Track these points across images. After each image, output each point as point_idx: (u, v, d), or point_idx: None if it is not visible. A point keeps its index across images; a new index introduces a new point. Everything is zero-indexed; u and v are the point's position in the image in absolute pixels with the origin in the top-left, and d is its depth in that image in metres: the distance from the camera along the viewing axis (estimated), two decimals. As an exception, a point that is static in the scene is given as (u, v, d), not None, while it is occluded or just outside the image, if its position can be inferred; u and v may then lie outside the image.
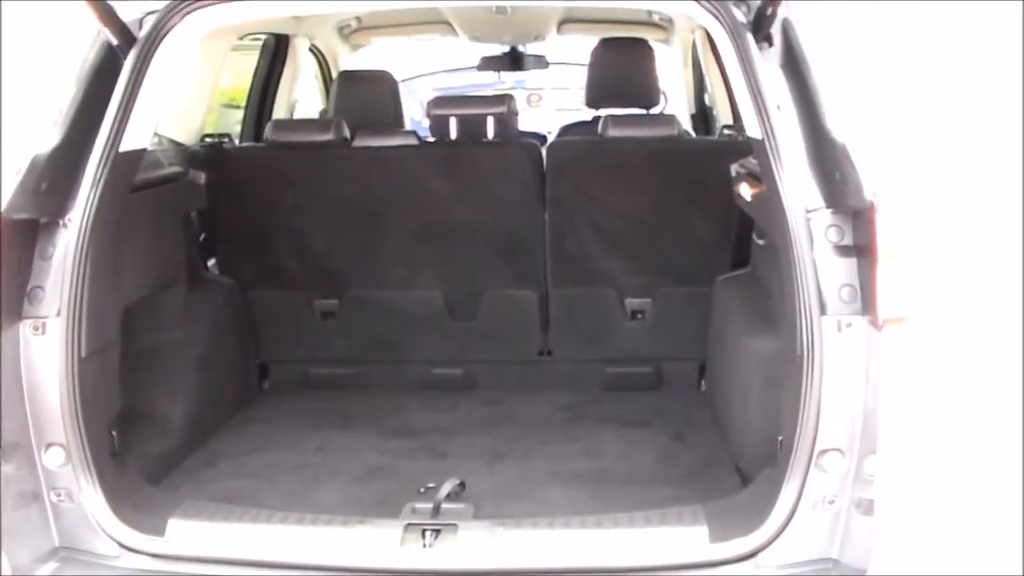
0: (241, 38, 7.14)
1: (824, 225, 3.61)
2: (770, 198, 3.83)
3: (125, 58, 4.10)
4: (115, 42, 4.09)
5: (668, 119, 6.08)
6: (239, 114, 7.93)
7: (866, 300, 3.51)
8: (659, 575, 3.73)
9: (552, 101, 12.13)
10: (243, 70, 8.02)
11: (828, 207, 3.62)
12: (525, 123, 7.62)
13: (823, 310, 3.55)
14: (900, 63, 3.45)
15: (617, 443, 5.22)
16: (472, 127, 5.89)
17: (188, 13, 4.16)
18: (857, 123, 3.45)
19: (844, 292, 3.56)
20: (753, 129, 3.87)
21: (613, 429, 5.44)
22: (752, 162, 4.60)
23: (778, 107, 3.71)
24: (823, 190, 3.63)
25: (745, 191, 4.68)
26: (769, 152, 3.72)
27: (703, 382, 6.05)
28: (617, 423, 5.53)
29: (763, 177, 4.00)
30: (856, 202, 3.42)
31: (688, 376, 6.13)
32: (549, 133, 7.68)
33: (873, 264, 3.35)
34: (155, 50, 4.13)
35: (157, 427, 4.93)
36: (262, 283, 6.15)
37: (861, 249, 3.52)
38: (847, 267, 3.58)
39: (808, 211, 3.62)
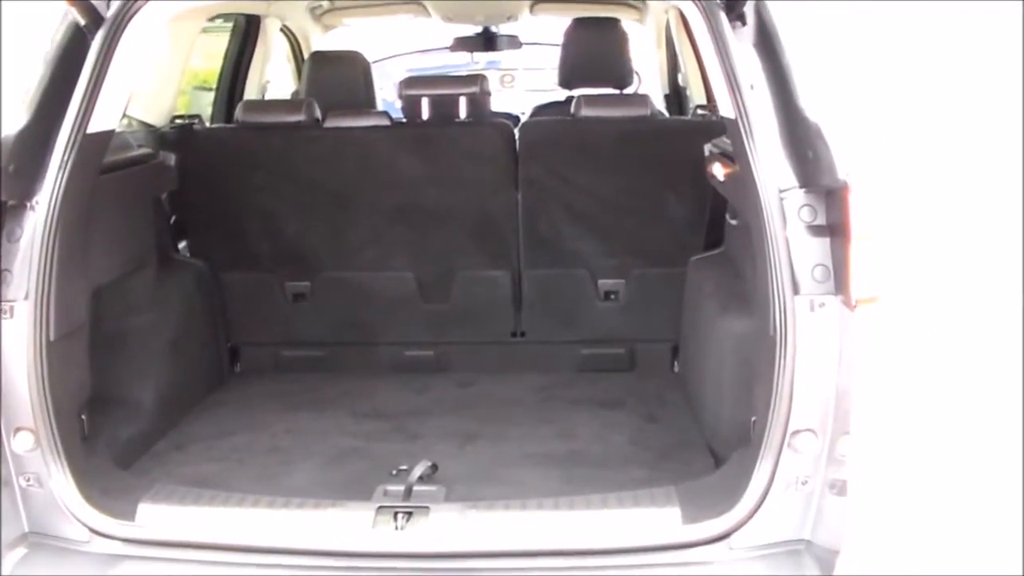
0: (212, 19, 7.10)
1: (797, 205, 3.59)
2: (743, 178, 3.82)
3: (92, 39, 4.05)
4: (82, 22, 4.03)
5: (641, 99, 6.06)
6: (211, 96, 7.88)
7: (839, 280, 3.50)
8: (632, 557, 3.72)
9: (525, 82, 12.10)
10: (215, 52, 7.97)
11: (801, 187, 3.60)
12: (498, 104, 7.61)
13: (796, 290, 3.54)
14: (872, 41, 3.44)
15: (590, 425, 5.21)
16: (444, 107, 5.86)
17: (156, -6, 4.12)
18: (830, 102, 3.43)
19: (817, 272, 3.55)
20: (726, 109, 3.86)
21: (586, 410, 5.43)
22: (725, 142, 4.59)
23: (751, 86, 3.69)
24: (796, 170, 3.61)
25: (718, 171, 4.67)
26: (742, 131, 3.70)
27: (676, 363, 6.04)
28: (590, 404, 5.53)
29: (736, 157, 3.99)
30: (829, 181, 3.41)
31: (661, 357, 6.12)
32: (523, 114, 7.65)
33: (846, 244, 3.34)
34: (123, 30, 4.07)
35: (127, 411, 4.89)
36: (233, 265, 6.11)
37: (834, 229, 3.51)
38: (820, 247, 3.57)
39: (781, 191, 3.60)
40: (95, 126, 4.05)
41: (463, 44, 9.11)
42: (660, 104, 8.46)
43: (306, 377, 6.08)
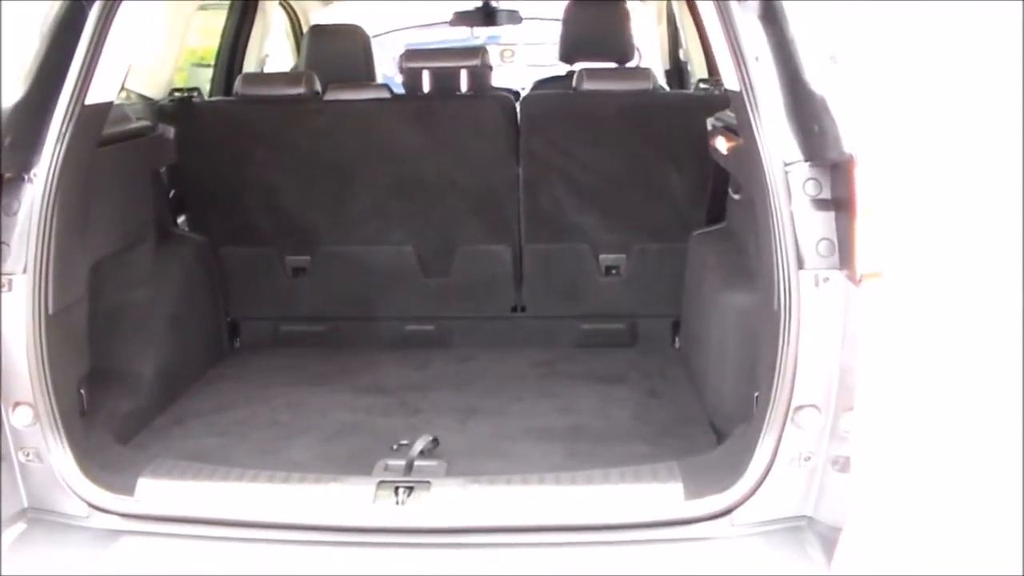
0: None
1: (802, 178, 3.56)
2: (747, 151, 3.79)
3: (90, 9, 4.01)
4: (80, -6, 4.00)
5: (643, 72, 6.04)
6: (210, 73, 7.83)
7: (844, 254, 3.47)
8: (633, 532, 3.71)
9: (526, 57, 12.07)
10: (214, 30, 7.93)
11: (806, 160, 3.56)
12: (499, 79, 7.57)
13: (800, 264, 3.51)
14: (879, 13, 3.40)
15: (591, 400, 5.20)
16: (445, 80, 5.84)
17: (154, -37, 4.09)
18: (836, 75, 3.40)
19: (822, 246, 3.52)
20: (731, 81, 3.82)
21: (587, 385, 5.42)
22: (729, 115, 4.56)
23: (756, 59, 3.66)
24: (801, 143, 3.57)
25: (721, 145, 4.64)
26: (747, 104, 3.66)
27: (677, 339, 6.03)
28: (591, 379, 5.51)
29: (740, 130, 3.95)
30: (835, 155, 3.37)
31: (662, 333, 6.11)
32: (523, 89, 7.63)
33: (852, 218, 3.31)
34: (120, 1, 4.04)
35: (126, 386, 4.87)
36: (232, 240, 6.09)
37: (839, 203, 3.48)
38: (825, 221, 3.53)
39: (786, 164, 3.57)
40: (93, 97, 4.02)
41: (463, 19, 9.09)
42: (661, 80, 8.43)
43: (306, 352, 6.06)
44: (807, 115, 3.50)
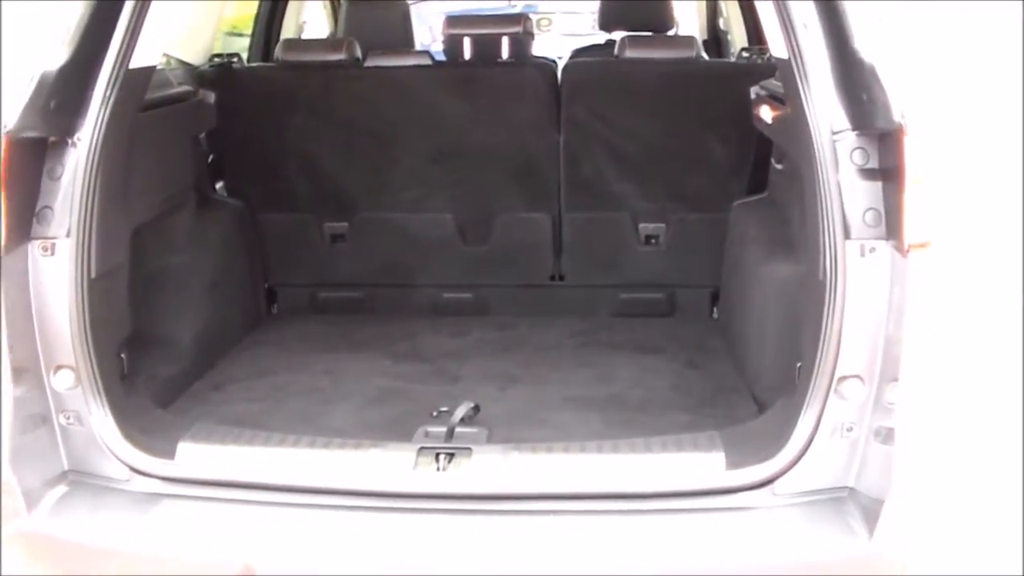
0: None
1: (849, 147, 3.52)
2: (794, 120, 3.76)
3: None
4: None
5: (687, 40, 6.01)
6: (243, 42, 7.82)
7: (891, 224, 3.43)
8: (674, 501, 3.70)
9: (562, 26, 12.04)
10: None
11: (854, 129, 3.52)
12: (535, 48, 7.55)
13: (847, 234, 3.48)
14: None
15: (630, 369, 5.19)
16: (486, 47, 5.83)
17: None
18: (886, 43, 3.36)
19: (868, 216, 3.48)
20: (779, 49, 3.78)
21: (626, 355, 5.41)
22: (774, 84, 4.53)
23: (805, 26, 3.62)
24: (849, 112, 3.53)
25: (766, 113, 4.61)
26: (796, 72, 3.62)
27: (715, 310, 6.01)
28: (630, 349, 5.50)
29: (787, 98, 3.92)
30: (884, 124, 3.33)
31: (700, 303, 6.10)
32: (559, 58, 7.61)
33: (900, 188, 3.28)
34: None
35: (166, 350, 4.90)
36: (271, 206, 6.09)
37: (887, 173, 3.44)
38: (872, 191, 3.50)
39: (834, 133, 3.53)
40: (137, 62, 4.01)
41: (501, -13, 9.07)
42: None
43: (344, 319, 6.08)
44: (856, 83, 3.47)
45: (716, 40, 8.83)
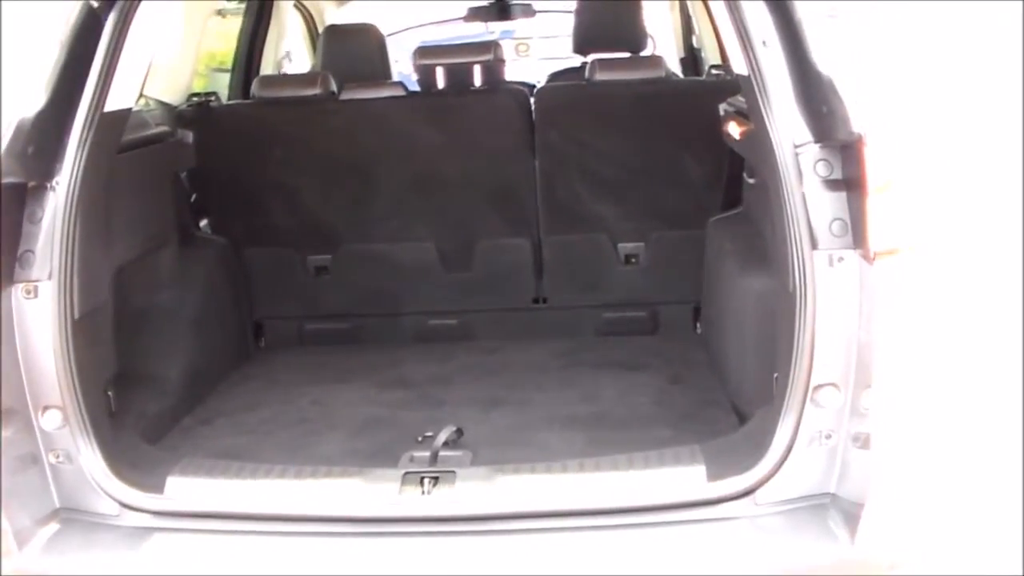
0: (228, -1, 7.12)
1: (813, 160, 3.58)
2: (758, 135, 3.81)
3: (106, 18, 4.05)
4: (95, 3, 4.04)
5: (655, 60, 6.06)
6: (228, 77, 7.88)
7: (857, 233, 3.48)
8: (658, 515, 3.74)
9: (541, 50, 12.06)
10: (231, 34, 7.96)
11: (816, 141, 3.58)
12: (514, 73, 7.60)
13: (814, 245, 3.53)
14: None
15: (614, 387, 5.22)
16: (459, 76, 5.87)
17: (166, -30, 4.13)
18: (843, 56, 3.42)
19: (835, 226, 3.53)
20: (740, 66, 3.84)
21: (610, 373, 5.44)
22: (740, 100, 4.58)
23: (764, 43, 3.68)
24: (810, 124, 3.59)
25: (734, 129, 4.66)
26: (756, 88, 3.68)
27: (698, 324, 6.05)
28: (614, 367, 5.53)
29: (750, 114, 3.98)
30: (844, 135, 3.39)
31: (683, 319, 6.13)
32: (538, 83, 7.65)
33: (863, 197, 3.33)
34: (135, 8, 4.08)
35: (154, 387, 4.92)
36: (255, 241, 6.13)
37: (851, 182, 3.49)
38: (837, 201, 3.55)
39: (796, 146, 3.58)
40: (112, 104, 4.07)
41: (477, 14, 9.09)
42: (676, 68, 8.44)
43: (330, 349, 6.11)
44: (816, 97, 3.53)
45: (693, 57, 8.88)
